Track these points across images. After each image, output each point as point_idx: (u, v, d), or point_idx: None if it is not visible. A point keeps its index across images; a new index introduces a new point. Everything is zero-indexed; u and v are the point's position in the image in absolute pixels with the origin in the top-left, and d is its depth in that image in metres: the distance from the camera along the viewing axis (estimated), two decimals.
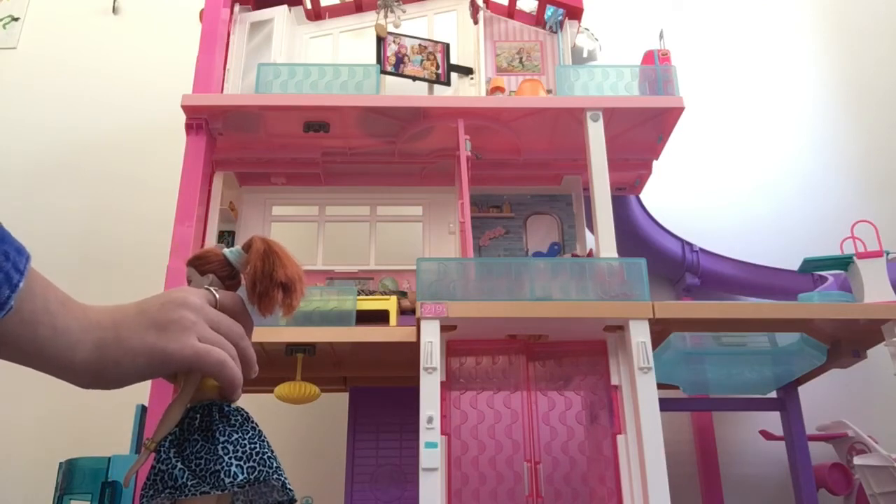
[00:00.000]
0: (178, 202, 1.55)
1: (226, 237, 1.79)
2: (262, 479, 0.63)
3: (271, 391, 1.48)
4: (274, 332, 1.44)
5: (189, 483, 0.61)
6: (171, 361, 0.60)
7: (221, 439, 0.63)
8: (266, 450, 0.65)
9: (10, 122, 2.43)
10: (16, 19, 2.60)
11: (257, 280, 0.66)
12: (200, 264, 0.69)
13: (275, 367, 1.55)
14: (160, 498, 0.62)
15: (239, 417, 0.66)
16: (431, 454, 1.27)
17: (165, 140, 1.93)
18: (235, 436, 0.64)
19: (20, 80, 2.50)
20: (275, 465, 0.65)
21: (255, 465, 0.63)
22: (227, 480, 0.61)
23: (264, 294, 0.66)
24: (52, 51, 2.54)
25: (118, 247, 2.20)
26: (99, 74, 2.48)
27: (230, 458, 0.62)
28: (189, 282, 0.69)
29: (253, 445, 0.65)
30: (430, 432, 1.28)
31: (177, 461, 0.62)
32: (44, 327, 0.54)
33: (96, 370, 0.58)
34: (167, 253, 1.50)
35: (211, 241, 1.67)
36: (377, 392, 1.68)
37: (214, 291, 0.66)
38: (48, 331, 0.54)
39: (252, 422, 0.67)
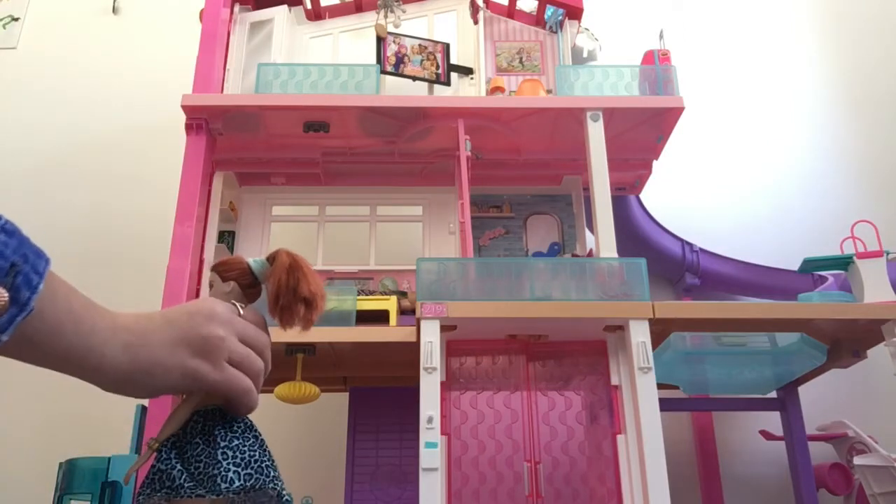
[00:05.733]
0: (178, 202, 1.55)
1: (226, 237, 1.79)
2: (258, 486, 0.64)
3: (271, 391, 1.48)
4: (274, 332, 1.43)
5: (186, 485, 0.62)
6: (203, 383, 0.62)
7: (222, 444, 0.64)
8: (265, 458, 0.66)
9: (10, 122, 2.43)
10: (16, 19, 2.60)
11: (281, 293, 0.68)
12: (223, 271, 0.70)
13: (275, 367, 1.52)
14: (156, 497, 0.62)
15: (242, 425, 0.67)
16: (431, 454, 1.26)
17: (165, 140, 1.92)
18: (236, 442, 0.65)
19: (20, 80, 2.50)
20: (272, 474, 0.65)
21: (253, 472, 0.64)
22: (223, 486, 0.61)
23: (287, 308, 0.68)
24: (51, 51, 2.54)
25: (118, 247, 2.20)
26: (99, 74, 2.48)
27: (228, 464, 0.63)
28: (211, 286, 0.71)
29: (252, 453, 0.65)
30: (430, 432, 1.28)
31: (176, 462, 0.63)
32: (68, 328, 0.54)
33: (127, 374, 0.58)
34: (167, 253, 1.50)
35: (211, 241, 1.66)
36: (377, 392, 1.68)
37: (240, 307, 0.67)
38: (73, 331, 0.54)
39: (254, 430, 0.68)
